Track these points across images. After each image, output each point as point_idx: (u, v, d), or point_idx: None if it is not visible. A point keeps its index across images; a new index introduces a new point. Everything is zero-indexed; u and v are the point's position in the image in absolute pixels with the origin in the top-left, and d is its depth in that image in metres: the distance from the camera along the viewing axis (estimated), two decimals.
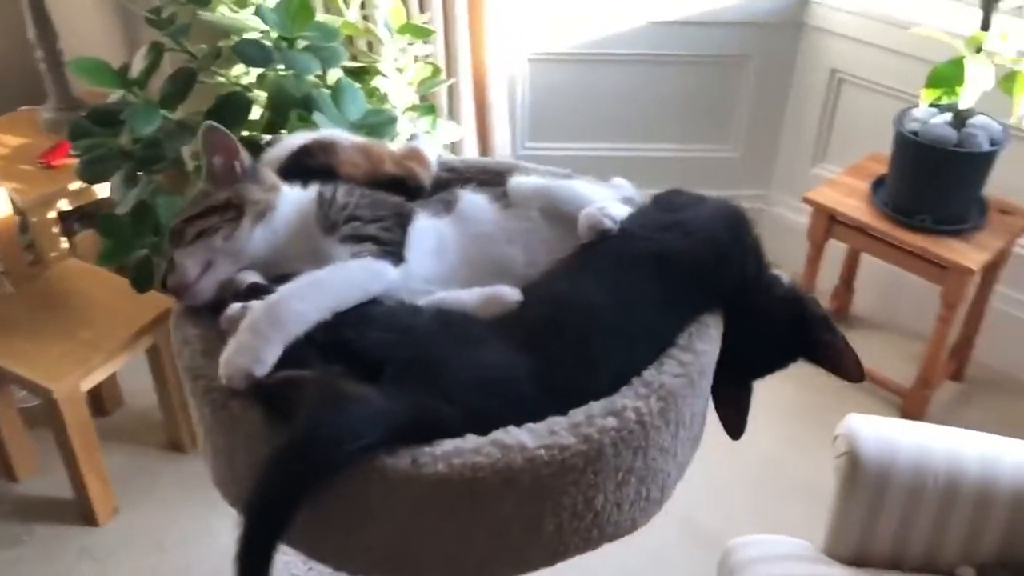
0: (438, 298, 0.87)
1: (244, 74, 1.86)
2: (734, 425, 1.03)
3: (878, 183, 2.38)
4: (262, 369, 0.78)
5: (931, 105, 2.15)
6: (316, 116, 1.59)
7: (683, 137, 2.86)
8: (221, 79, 1.79)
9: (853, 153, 2.58)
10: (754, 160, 2.90)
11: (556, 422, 0.79)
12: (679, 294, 0.91)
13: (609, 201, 0.96)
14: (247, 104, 1.76)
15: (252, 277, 0.89)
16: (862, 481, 1.49)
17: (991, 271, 2.33)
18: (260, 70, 1.76)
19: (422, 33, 1.95)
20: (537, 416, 0.79)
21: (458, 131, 2.25)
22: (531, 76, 2.78)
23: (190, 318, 0.88)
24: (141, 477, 2.27)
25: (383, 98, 2.00)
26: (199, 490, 2.21)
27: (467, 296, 0.87)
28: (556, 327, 0.85)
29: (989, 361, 2.53)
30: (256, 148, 1.22)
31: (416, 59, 2.03)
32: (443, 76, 2.10)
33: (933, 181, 2.21)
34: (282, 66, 1.68)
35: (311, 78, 1.71)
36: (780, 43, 2.71)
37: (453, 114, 2.47)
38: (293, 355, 0.78)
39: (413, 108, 2.02)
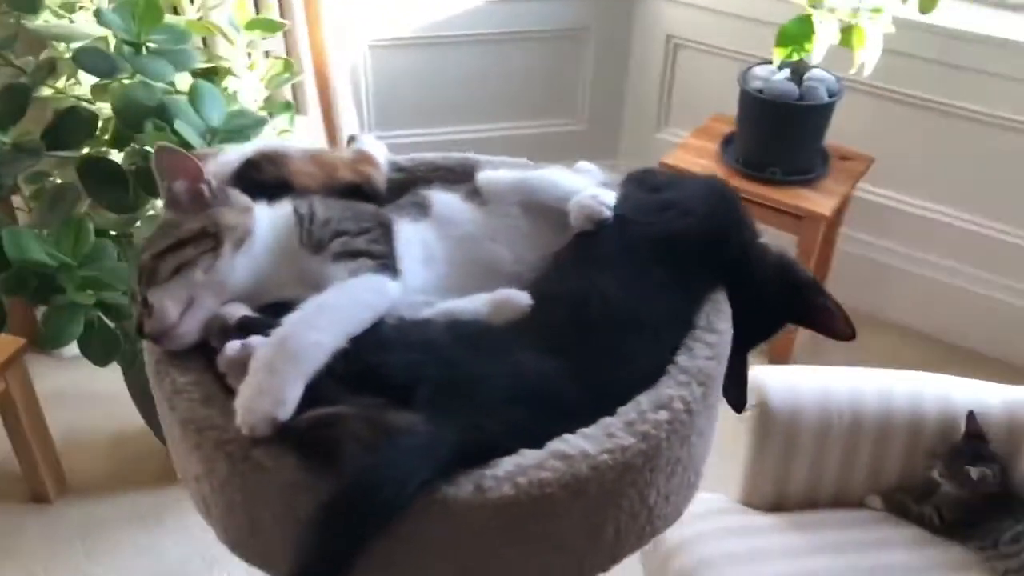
0: (442, 309, 0.81)
1: (74, 84, 1.70)
2: (736, 398, 1.01)
3: (727, 142, 2.47)
4: (286, 411, 0.70)
5: (778, 64, 2.24)
6: (178, 124, 1.48)
7: (530, 114, 2.86)
8: (56, 93, 1.63)
9: (695, 116, 2.66)
10: (600, 131, 2.95)
11: (610, 423, 0.76)
12: (688, 274, 0.89)
13: (595, 188, 0.93)
14: (91, 118, 1.61)
15: (240, 310, 0.81)
16: (774, 429, 1.54)
17: (837, 215, 2.46)
18: (96, 80, 1.61)
19: (272, 27, 1.85)
20: (582, 420, 0.76)
21: (312, 127, 2.15)
22: (373, 63, 2.70)
23: (175, 365, 0.78)
24: (2, 536, 2.07)
25: (233, 98, 1.88)
26: (70, 541, 2.05)
27: (474, 304, 0.82)
28: (579, 325, 0.81)
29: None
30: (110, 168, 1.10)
31: (267, 55, 1.92)
32: (296, 70, 2.00)
33: (780, 135, 2.31)
34: (127, 74, 1.55)
35: (162, 84, 1.58)
36: (617, 13, 2.75)
37: (299, 107, 2.37)
38: (315, 391, 0.70)
39: (267, 106, 1.91)
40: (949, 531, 1.51)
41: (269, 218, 0.85)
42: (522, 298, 0.81)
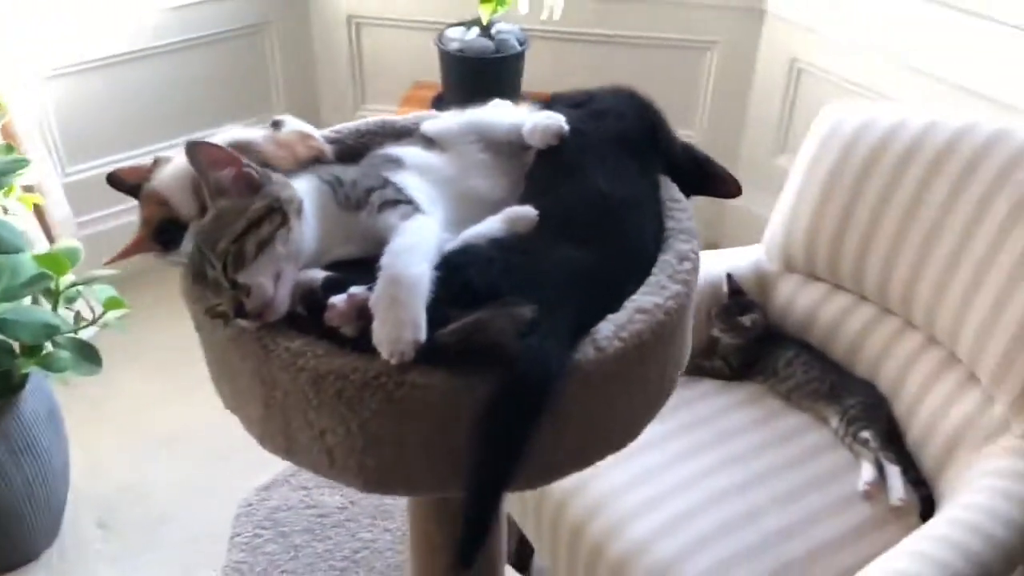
0: (465, 238, 0.89)
1: None
2: None
3: (436, 103, 2.64)
4: (423, 333, 0.77)
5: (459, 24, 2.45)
6: None
7: (231, 115, 2.82)
8: None
9: (394, 88, 2.80)
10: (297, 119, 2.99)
11: (657, 279, 0.90)
12: (643, 163, 1.05)
13: (539, 112, 1.05)
14: None
15: (314, 273, 0.84)
16: None
17: None
18: None
19: None
20: (628, 287, 0.90)
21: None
22: (54, 96, 2.53)
23: (279, 334, 0.78)
24: None
25: None
26: None
27: (491, 226, 0.90)
28: (592, 216, 0.92)
29: None
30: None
31: None
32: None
33: (484, 88, 2.50)
34: None
35: None
36: (294, 2, 2.80)
37: None
38: (432, 316, 0.78)
39: None
40: (738, 374, 1.83)
41: (301, 188, 0.89)
42: (528, 210, 0.92)
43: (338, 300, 0.79)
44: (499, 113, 1.08)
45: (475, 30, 2.51)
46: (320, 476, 0.83)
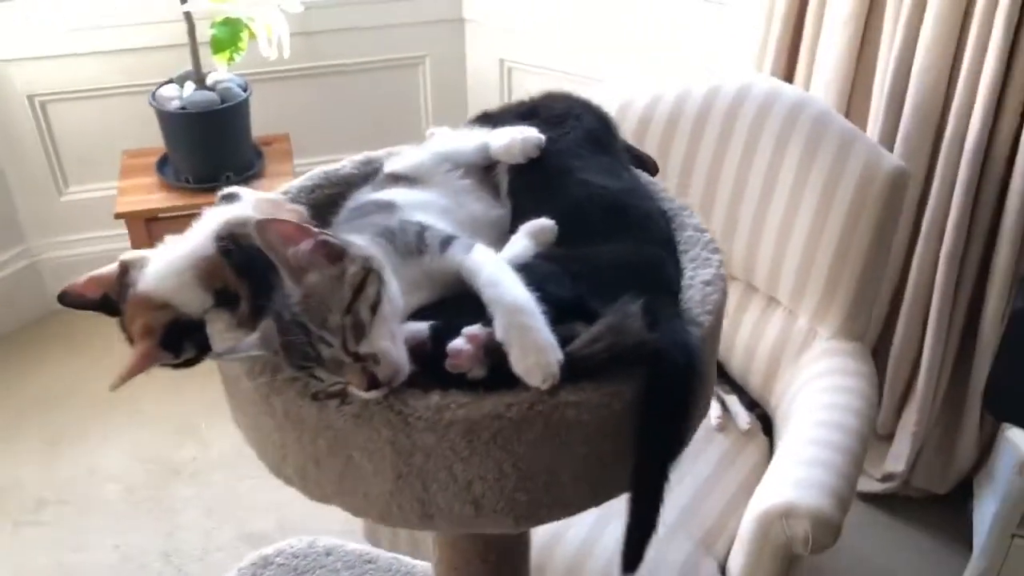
0: (505, 258, 0.88)
1: None
2: None
3: (161, 168, 2.47)
4: (559, 352, 0.76)
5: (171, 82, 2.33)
6: None
7: None
8: None
9: (100, 166, 2.60)
10: None
11: (697, 254, 0.94)
12: (615, 156, 1.07)
13: (508, 129, 1.03)
14: None
15: (418, 326, 0.76)
16: None
17: None
18: None
19: None
20: (669, 270, 0.94)
21: None
22: None
23: (408, 394, 0.74)
24: None
25: None
26: None
27: (521, 244, 0.89)
28: (603, 214, 0.93)
29: None
30: None
31: None
32: None
33: (219, 141, 2.41)
34: None
35: None
36: None
37: None
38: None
39: None
40: None
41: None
42: (546, 222, 0.92)
43: (460, 344, 0.76)
44: (457, 139, 1.08)
45: (190, 85, 2.38)
46: (454, 532, 0.79)
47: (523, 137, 1.02)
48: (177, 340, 0.88)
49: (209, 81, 2.41)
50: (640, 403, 0.78)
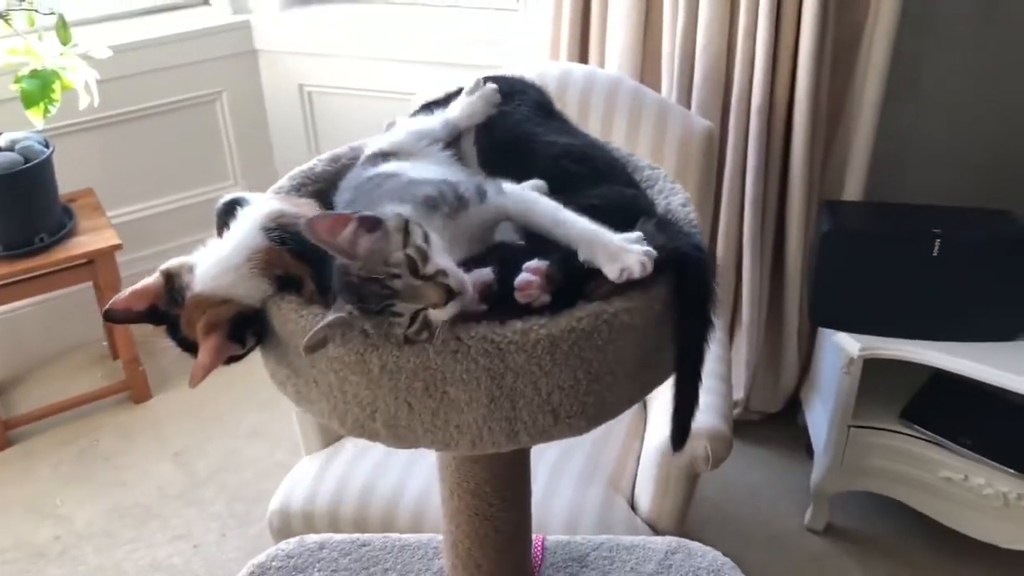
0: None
1: None
2: None
3: None
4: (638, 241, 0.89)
5: None
6: None
7: None
8: None
9: None
10: None
11: (668, 186, 1.06)
12: (565, 122, 1.15)
13: (462, 97, 1.09)
14: None
15: (480, 271, 0.88)
16: None
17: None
18: None
19: None
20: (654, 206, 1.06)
21: None
22: None
23: (491, 328, 0.85)
24: None
25: None
26: None
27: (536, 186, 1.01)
28: (579, 167, 1.01)
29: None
30: None
31: None
32: None
33: (27, 202, 2.29)
34: None
35: None
36: None
37: None
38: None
39: None
40: None
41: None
42: (538, 182, 1.00)
43: (528, 277, 0.84)
44: (422, 120, 1.13)
45: None
46: (534, 441, 0.88)
47: (479, 94, 1.11)
48: (241, 332, 0.91)
49: (3, 142, 2.28)
50: (675, 300, 0.92)
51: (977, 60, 2.18)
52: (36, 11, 2.15)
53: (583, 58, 2.31)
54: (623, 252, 0.87)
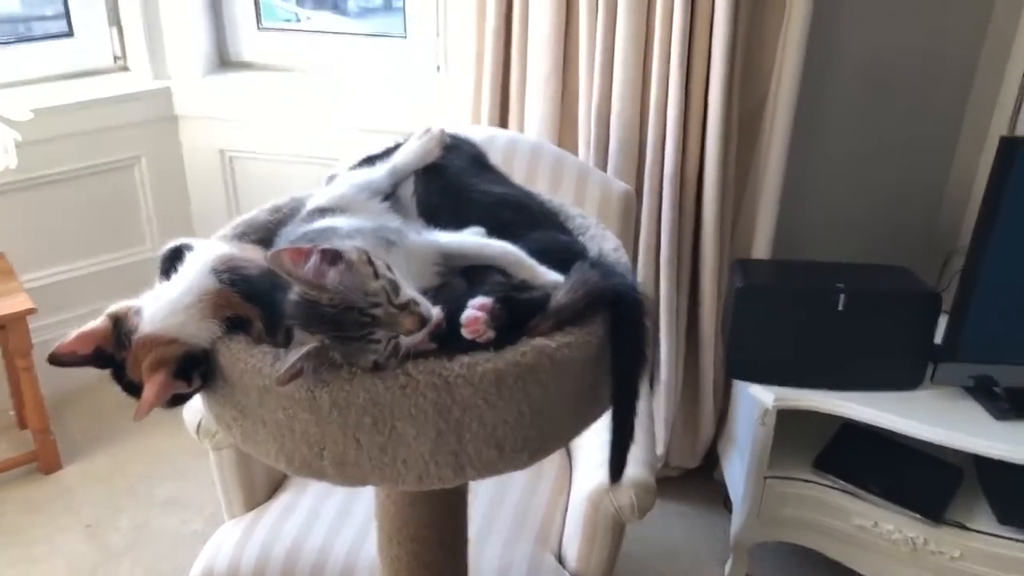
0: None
1: None
2: None
3: None
4: None
5: None
6: None
7: None
8: None
9: None
10: None
11: (595, 231, 1.09)
12: (499, 174, 1.19)
13: (412, 140, 1.13)
14: None
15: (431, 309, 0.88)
16: None
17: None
18: None
19: None
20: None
21: None
22: None
23: (436, 363, 0.87)
24: None
25: None
26: None
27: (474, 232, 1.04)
28: (515, 214, 1.06)
29: None
30: None
31: None
32: None
33: None
34: None
35: None
36: None
37: None
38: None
39: None
40: None
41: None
42: (479, 228, 1.04)
43: (474, 313, 0.87)
44: (365, 172, 1.16)
45: None
46: (479, 475, 0.89)
47: (429, 136, 1.16)
48: (188, 371, 0.92)
49: None
50: (611, 334, 0.96)
51: (873, 123, 2.34)
52: None
53: (503, 123, 2.39)
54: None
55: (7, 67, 2.63)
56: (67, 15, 2.72)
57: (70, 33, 2.74)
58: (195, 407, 1.62)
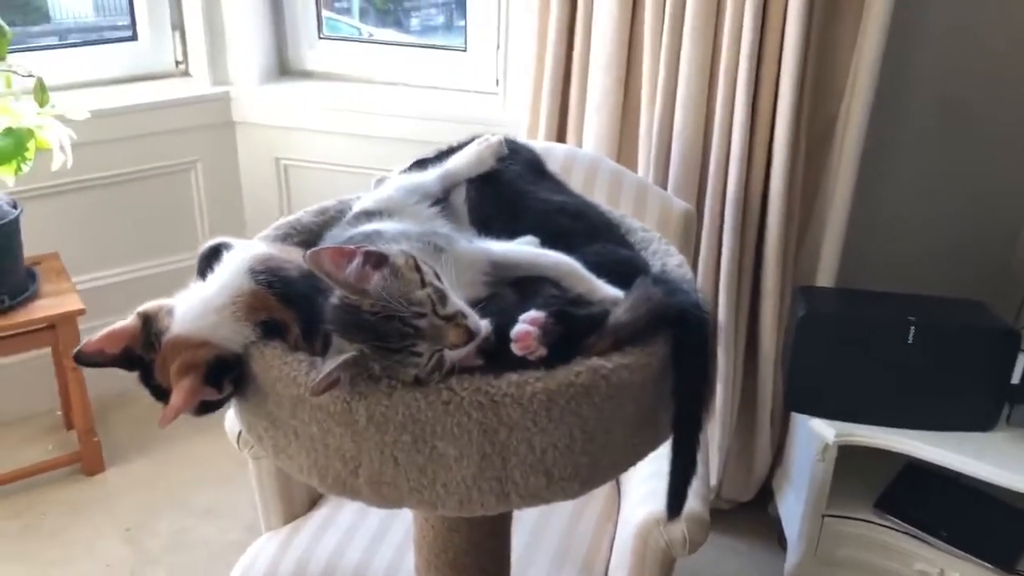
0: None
1: None
2: None
3: None
4: None
5: None
6: None
7: None
8: None
9: None
10: None
11: (659, 246, 1.04)
12: (558, 181, 1.14)
13: (468, 148, 1.10)
14: None
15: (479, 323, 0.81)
16: None
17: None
18: None
19: None
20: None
21: None
22: None
23: (484, 380, 0.82)
24: None
25: None
26: None
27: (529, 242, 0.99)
28: (573, 223, 1.00)
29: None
30: None
31: None
32: None
33: None
34: None
35: None
36: None
37: None
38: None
39: None
40: None
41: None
42: (532, 238, 0.99)
43: (525, 328, 0.81)
44: (416, 176, 1.12)
45: None
46: (524, 504, 0.83)
47: (487, 144, 1.10)
48: (218, 377, 0.87)
49: None
50: (673, 356, 0.89)
51: (947, 150, 2.24)
52: (15, 72, 2.14)
53: (561, 138, 2.33)
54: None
55: (72, 69, 2.65)
56: (132, 19, 2.74)
57: (134, 37, 2.76)
58: None
